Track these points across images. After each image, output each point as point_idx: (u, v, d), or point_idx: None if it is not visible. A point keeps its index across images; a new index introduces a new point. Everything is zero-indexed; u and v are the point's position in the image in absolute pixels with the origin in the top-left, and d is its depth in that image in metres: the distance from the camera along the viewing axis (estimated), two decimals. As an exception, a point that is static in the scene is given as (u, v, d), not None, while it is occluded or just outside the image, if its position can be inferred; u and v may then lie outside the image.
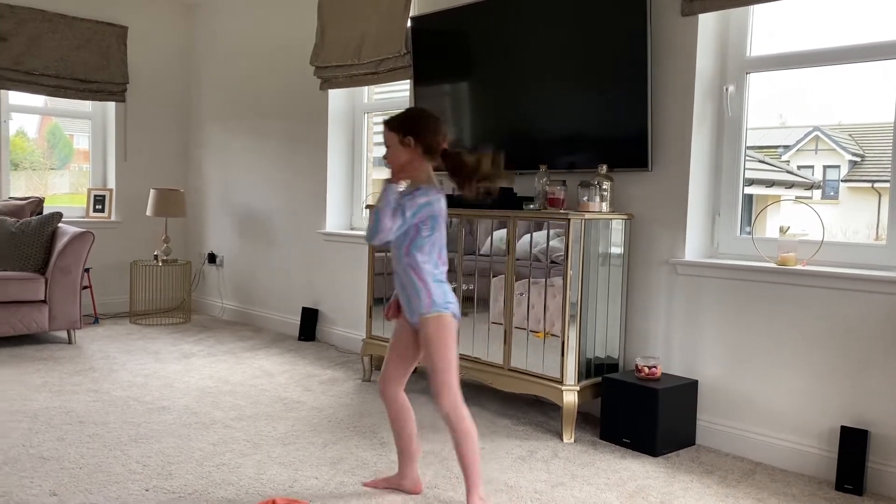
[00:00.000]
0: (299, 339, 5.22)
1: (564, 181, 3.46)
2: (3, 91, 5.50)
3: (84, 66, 5.76)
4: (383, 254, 4.14)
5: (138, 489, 2.57)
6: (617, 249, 3.42)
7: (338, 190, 5.23)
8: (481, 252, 3.61)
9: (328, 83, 5.04)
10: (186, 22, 6.39)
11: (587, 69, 3.55)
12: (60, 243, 4.82)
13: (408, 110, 2.65)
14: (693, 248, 3.35)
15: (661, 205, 3.39)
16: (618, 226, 3.41)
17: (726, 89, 3.31)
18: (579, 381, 3.25)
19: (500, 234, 3.52)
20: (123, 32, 5.96)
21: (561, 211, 3.32)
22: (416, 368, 2.72)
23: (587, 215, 3.24)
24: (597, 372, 3.35)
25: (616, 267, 3.43)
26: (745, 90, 3.29)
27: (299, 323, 5.28)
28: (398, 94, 4.91)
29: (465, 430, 2.44)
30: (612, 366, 3.43)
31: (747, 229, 3.33)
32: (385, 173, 2.57)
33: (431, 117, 2.52)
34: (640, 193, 3.46)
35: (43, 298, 4.70)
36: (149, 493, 2.54)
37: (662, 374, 3.24)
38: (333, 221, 5.23)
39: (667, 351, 3.38)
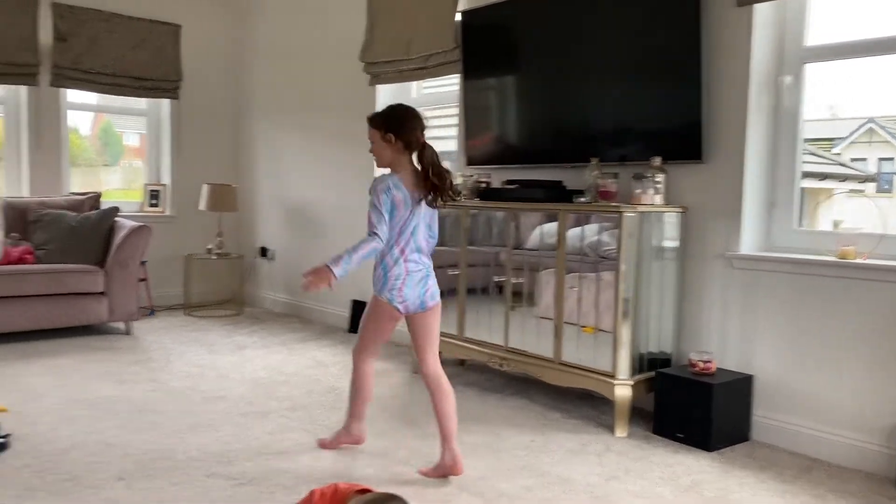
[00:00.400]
0: (349, 331, 5.29)
1: (617, 174, 3.43)
2: (62, 90, 5.66)
3: (139, 64, 5.91)
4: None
5: (200, 475, 2.64)
6: (671, 243, 3.38)
7: (386, 184, 5.26)
8: (526, 246, 3.61)
9: (377, 79, 5.09)
10: (238, 20, 6.51)
11: (639, 60, 3.52)
12: (118, 237, 4.96)
13: (389, 107, 2.80)
14: (749, 241, 3.30)
15: (715, 197, 3.34)
16: (671, 219, 3.37)
17: (782, 80, 3.25)
18: (632, 375, 3.24)
19: (546, 228, 3.51)
20: (177, 31, 6.10)
21: (613, 204, 3.29)
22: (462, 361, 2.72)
23: (641, 208, 3.22)
24: (649, 366, 3.33)
25: (670, 260, 3.39)
26: (802, 81, 3.23)
27: (349, 315, 5.35)
28: (446, 88, 4.92)
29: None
30: (664, 360, 3.40)
31: (803, 223, 3.27)
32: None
33: (410, 113, 2.75)
34: (693, 186, 3.42)
35: (102, 291, 4.85)
36: (210, 480, 2.61)
37: (717, 368, 3.21)
38: (382, 215, 5.27)
39: (721, 346, 3.33)
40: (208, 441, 2.99)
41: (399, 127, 2.71)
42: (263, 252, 6.31)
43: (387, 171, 2.79)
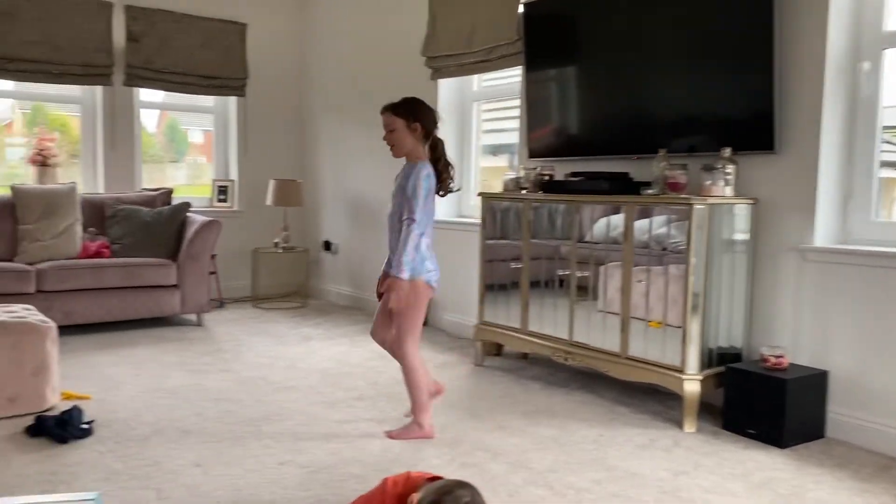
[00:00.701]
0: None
1: (685, 165, 3.38)
2: (135, 89, 5.86)
3: (208, 62, 6.07)
4: (493, 241, 4.17)
5: (273, 463, 2.72)
6: (741, 235, 3.32)
7: (448, 178, 5.29)
8: (588, 239, 3.59)
9: (439, 73, 5.11)
10: (301, 17, 6.62)
11: (708, 48, 3.45)
12: (190, 232, 5.11)
13: (408, 98, 3.04)
14: (823, 233, 3.20)
15: (788, 189, 3.26)
16: (742, 211, 3.30)
17: (860, 66, 3.14)
18: (701, 370, 3.19)
19: (608, 220, 3.48)
20: (243, 30, 6.24)
21: (682, 196, 3.24)
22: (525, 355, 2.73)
23: (711, 200, 3.16)
24: (719, 361, 3.27)
25: (740, 254, 3.33)
26: (881, 67, 3.11)
27: (411, 308, 5.39)
28: (508, 80, 4.91)
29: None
30: (734, 355, 3.34)
31: (880, 214, 3.16)
32: (493, 161, 2.93)
33: (429, 106, 3.04)
34: (765, 177, 3.34)
35: (175, 283, 5.01)
36: (283, 468, 2.68)
37: (790, 364, 3.13)
38: (442, 209, 5.29)
39: (794, 341, 3.25)
40: (280, 430, 3.07)
41: (424, 117, 2.99)
42: (327, 246, 6.42)
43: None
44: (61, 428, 2.93)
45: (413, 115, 2.98)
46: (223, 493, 2.45)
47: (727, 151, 3.28)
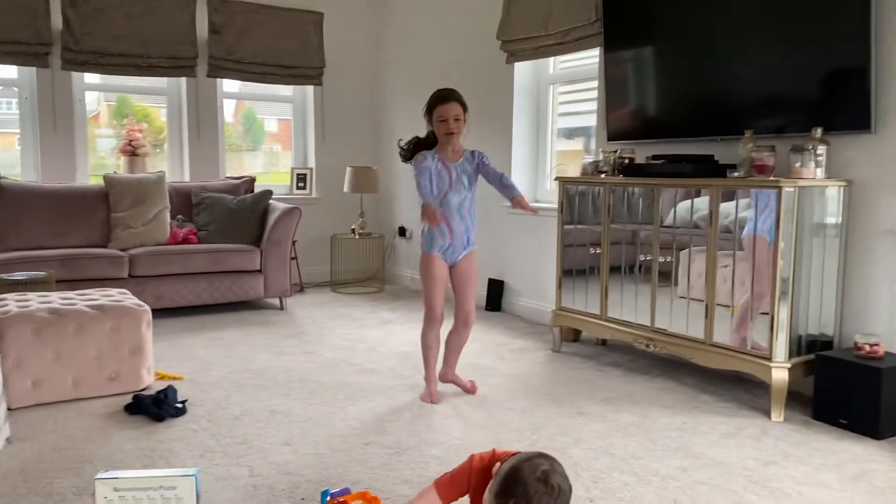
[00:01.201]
0: (486, 309, 5.36)
1: (773, 146, 3.27)
2: (217, 79, 6.03)
3: (286, 52, 6.19)
4: (573, 226, 4.13)
5: (359, 443, 2.79)
6: (833, 219, 3.19)
7: (523, 162, 5.28)
8: (666, 223, 3.52)
9: (514, 56, 5.08)
10: (376, 4, 6.68)
11: (797, 21, 3.30)
12: (272, 218, 5.26)
13: (453, 90, 3.34)
14: (923, 216, 3.06)
15: (886, 170, 3.11)
16: (834, 193, 3.18)
17: (967, 39, 2.97)
18: (789, 358, 3.09)
19: (690, 204, 3.40)
20: (320, 18, 6.33)
21: (770, 178, 3.14)
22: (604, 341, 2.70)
23: (801, 182, 3.05)
24: (808, 349, 3.17)
25: (832, 238, 3.20)
26: None
27: (486, 294, 5.42)
28: (584, 62, 4.84)
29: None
30: (825, 343, 3.23)
31: None
32: (569, 144, 3.02)
33: None
34: (860, 158, 3.20)
35: (258, 268, 5.17)
36: (368, 448, 2.74)
37: (885, 352, 3.01)
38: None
39: (890, 328, 3.12)
40: (364, 411, 3.14)
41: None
42: (402, 232, 6.49)
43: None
44: (158, 406, 3.07)
45: (466, 107, 3.30)
46: (311, 471, 2.53)
47: (818, 131, 3.16)
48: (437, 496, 1.86)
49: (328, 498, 2.07)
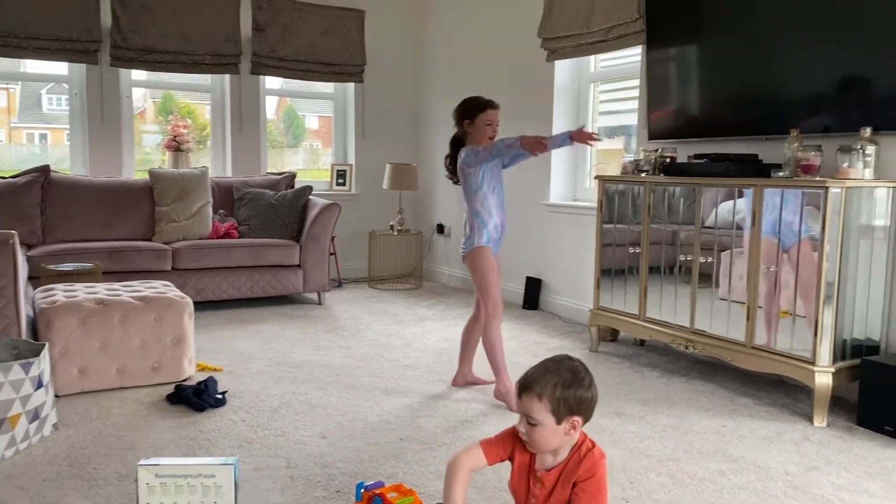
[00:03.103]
0: (523, 307, 5.34)
1: (819, 146, 3.20)
2: (260, 76, 6.12)
3: (328, 50, 6.25)
4: (612, 225, 4.10)
5: (393, 438, 2.80)
6: (881, 221, 3.11)
7: (562, 161, 5.25)
8: (708, 224, 3.47)
9: (555, 54, 5.05)
10: (417, 2, 6.70)
11: (844, 18, 3.23)
12: (312, 214, 5.31)
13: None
14: (977, 219, 2.96)
15: (937, 171, 3.03)
16: (883, 195, 3.10)
17: None
18: (833, 362, 3.03)
19: (732, 204, 3.34)
20: (361, 16, 6.38)
21: (817, 178, 3.08)
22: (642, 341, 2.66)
23: (849, 183, 2.98)
24: (853, 354, 3.10)
25: (880, 240, 3.12)
26: None
27: (523, 292, 5.40)
28: (626, 61, 4.79)
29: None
30: (871, 348, 3.15)
31: None
32: (609, 143, 2.90)
33: None
34: (911, 158, 3.11)
35: (298, 263, 5.23)
36: (403, 443, 2.76)
37: (934, 358, 2.93)
38: (557, 192, 5.27)
39: (940, 334, 3.04)
40: (399, 406, 3.16)
41: None
42: (440, 229, 6.50)
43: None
44: (198, 397, 3.13)
45: None
46: (346, 465, 2.55)
47: (867, 131, 3.08)
48: (483, 453, 1.92)
49: (363, 490, 2.09)
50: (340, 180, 6.56)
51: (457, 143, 3.45)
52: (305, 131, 7.08)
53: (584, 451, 1.87)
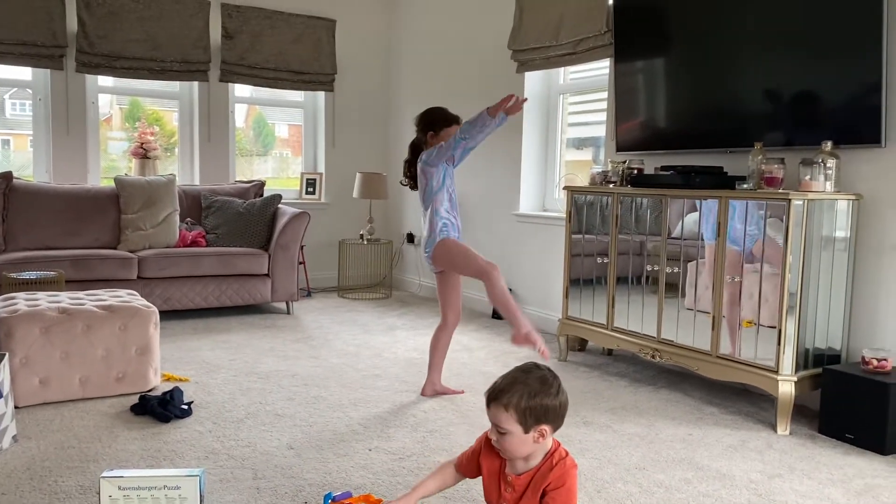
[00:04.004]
0: (492, 317, 5.36)
1: (782, 159, 3.27)
2: (230, 84, 6.07)
3: (298, 58, 6.23)
4: (580, 235, 4.13)
5: (362, 448, 2.79)
6: (842, 233, 3.19)
7: (531, 172, 5.29)
8: (674, 235, 3.52)
9: (524, 66, 5.09)
10: (388, 12, 6.71)
11: (808, 35, 3.31)
12: (281, 222, 5.28)
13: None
14: (933, 231, 3.05)
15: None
16: (843, 207, 3.17)
17: (979, 54, 2.96)
18: (796, 371, 3.08)
19: (698, 216, 3.40)
20: (332, 25, 6.37)
21: (780, 191, 3.14)
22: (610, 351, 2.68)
23: (810, 195, 3.05)
24: (815, 363, 3.16)
25: (840, 252, 3.19)
26: None
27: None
28: (594, 73, 4.86)
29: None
30: (832, 357, 3.22)
31: None
32: (578, 154, 2.93)
33: None
34: (870, 172, 3.19)
35: (266, 272, 5.19)
36: (372, 453, 2.74)
37: (893, 367, 2.99)
38: (527, 203, 5.30)
39: (898, 343, 3.11)
40: (368, 416, 3.15)
41: None
42: (410, 238, 6.50)
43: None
44: (163, 407, 3.09)
45: None
46: (314, 475, 2.53)
47: (828, 145, 3.16)
48: (454, 468, 1.97)
49: (330, 501, 2.07)
50: (310, 189, 6.54)
51: (416, 150, 3.48)
52: (275, 139, 7.04)
53: (556, 459, 1.90)
